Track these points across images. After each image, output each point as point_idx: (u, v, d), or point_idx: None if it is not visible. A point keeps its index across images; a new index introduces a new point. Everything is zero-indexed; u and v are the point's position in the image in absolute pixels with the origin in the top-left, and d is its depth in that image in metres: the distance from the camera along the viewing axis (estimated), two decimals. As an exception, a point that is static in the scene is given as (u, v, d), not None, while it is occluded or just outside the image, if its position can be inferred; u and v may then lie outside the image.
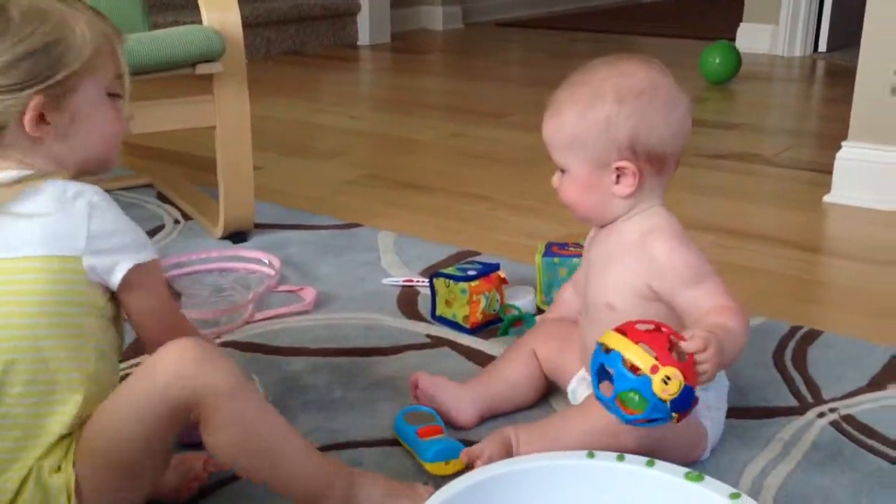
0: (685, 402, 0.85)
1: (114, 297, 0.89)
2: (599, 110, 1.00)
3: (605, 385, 0.89)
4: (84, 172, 0.92)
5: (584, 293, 1.10)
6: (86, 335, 0.86)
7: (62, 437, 0.84)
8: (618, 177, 1.02)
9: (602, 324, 1.03)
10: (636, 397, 0.85)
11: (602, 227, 1.08)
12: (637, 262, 1.02)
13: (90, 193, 0.86)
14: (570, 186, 1.05)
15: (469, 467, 0.99)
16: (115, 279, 0.87)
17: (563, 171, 1.05)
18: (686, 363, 0.86)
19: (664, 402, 0.84)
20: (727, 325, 0.95)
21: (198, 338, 0.90)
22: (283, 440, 0.89)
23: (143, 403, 0.83)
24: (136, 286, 0.88)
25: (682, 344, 0.87)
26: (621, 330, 0.88)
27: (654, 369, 0.84)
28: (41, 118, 0.86)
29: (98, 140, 0.91)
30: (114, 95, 0.92)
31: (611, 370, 0.87)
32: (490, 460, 0.97)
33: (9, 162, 0.87)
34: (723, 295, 0.99)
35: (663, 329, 0.88)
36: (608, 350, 0.87)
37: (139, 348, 1.33)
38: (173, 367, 0.83)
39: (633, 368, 0.85)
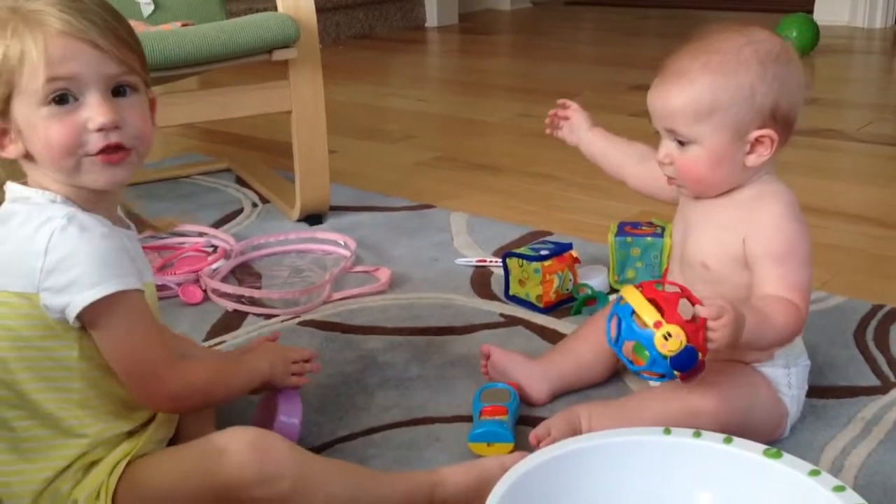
0: (686, 361, 0.90)
1: None
2: (744, 77, 0.95)
3: (613, 332, 0.95)
4: (85, 193, 0.85)
5: (680, 251, 1.08)
6: (69, 367, 0.84)
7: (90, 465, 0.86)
8: (751, 146, 0.98)
9: (695, 282, 1.03)
10: (640, 350, 0.91)
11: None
12: (741, 221, 1.00)
13: (58, 220, 0.80)
14: (698, 160, 0.99)
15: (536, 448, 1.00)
16: (70, 319, 0.81)
17: (681, 143, 0.99)
18: (695, 326, 0.90)
19: (664, 357, 0.90)
20: (768, 313, 0.94)
21: (254, 430, 0.88)
22: (358, 488, 0.90)
23: (198, 491, 0.84)
24: (94, 325, 0.82)
25: (697, 308, 0.91)
26: (640, 285, 0.94)
27: (658, 325, 0.90)
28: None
29: (53, 159, 0.82)
30: (65, 102, 0.80)
31: (621, 321, 0.93)
32: (556, 441, 0.98)
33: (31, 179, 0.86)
34: (791, 286, 0.96)
35: (683, 291, 0.93)
36: (623, 301, 0.93)
37: (220, 328, 1.38)
38: (237, 472, 0.83)
39: (641, 322, 0.91)
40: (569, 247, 1.44)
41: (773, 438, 1.04)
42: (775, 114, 0.97)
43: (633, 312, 0.92)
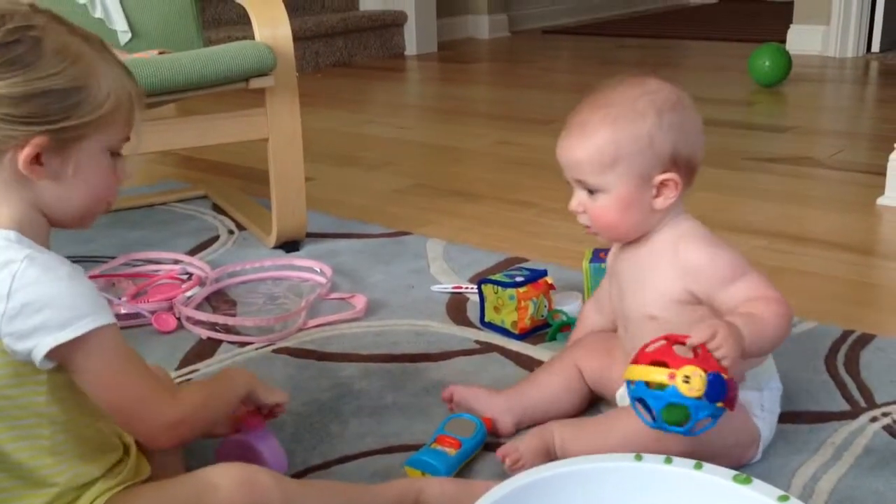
0: (719, 389, 0.89)
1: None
2: (641, 126, 1.01)
3: (647, 414, 0.93)
4: (59, 225, 0.87)
5: (620, 308, 1.11)
6: (38, 413, 0.82)
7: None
8: (657, 190, 1.03)
9: (644, 335, 1.03)
10: (676, 409, 0.90)
11: (628, 242, 1.09)
12: (672, 270, 1.04)
13: (19, 263, 0.78)
14: (608, 207, 1.04)
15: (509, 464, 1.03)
16: (37, 361, 0.79)
17: (591, 192, 1.05)
18: (702, 356, 0.90)
19: (698, 399, 0.88)
20: (752, 312, 0.97)
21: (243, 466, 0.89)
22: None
23: None
24: (71, 366, 0.81)
25: (688, 340, 0.91)
26: (633, 360, 0.94)
27: (672, 377, 0.89)
28: (37, 158, 0.81)
29: (86, 196, 0.86)
30: (115, 155, 0.88)
31: (643, 399, 0.92)
32: (525, 456, 1.01)
33: None
34: (760, 287, 1.00)
35: (669, 339, 0.93)
36: (632, 383, 0.93)
37: (193, 356, 1.37)
38: None
39: (658, 386, 0.90)
40: (544, 273, 1.45)
41: (746, 461, 1.05)
42: (676, 159, 1.02)
43: (647, 384, 0.91)
